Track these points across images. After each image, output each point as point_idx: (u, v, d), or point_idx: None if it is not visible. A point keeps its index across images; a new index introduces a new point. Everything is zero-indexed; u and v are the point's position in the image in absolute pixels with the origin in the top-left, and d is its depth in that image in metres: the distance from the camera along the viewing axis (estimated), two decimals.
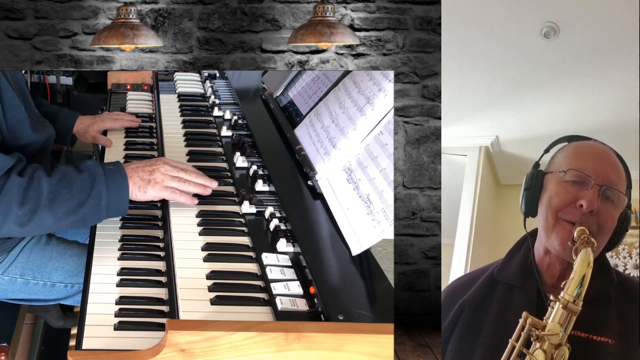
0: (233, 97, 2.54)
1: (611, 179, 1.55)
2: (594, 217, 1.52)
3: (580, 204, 1.52)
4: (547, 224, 1.57)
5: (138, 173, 1.68)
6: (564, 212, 1.54)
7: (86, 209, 1.59)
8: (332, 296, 1.42)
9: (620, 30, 2.81)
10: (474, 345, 1.55)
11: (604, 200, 1.54)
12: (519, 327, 1.44)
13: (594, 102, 3.32)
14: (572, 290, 1.43)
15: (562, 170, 1.58)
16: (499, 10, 2.84)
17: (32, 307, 2.21)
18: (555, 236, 1.55)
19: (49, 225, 1.60)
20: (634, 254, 3.87)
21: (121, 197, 1.64)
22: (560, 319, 1.42)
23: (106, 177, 1.62)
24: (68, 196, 1.58)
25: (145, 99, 2.65)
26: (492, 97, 3.41)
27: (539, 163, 1.66)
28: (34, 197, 1.55)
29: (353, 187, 1.69)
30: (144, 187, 1.68)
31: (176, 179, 1.72)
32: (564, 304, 1.42)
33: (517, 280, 1.60)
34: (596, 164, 1.56)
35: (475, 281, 1.67)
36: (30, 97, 1.98)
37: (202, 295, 1.47)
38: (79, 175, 1.61)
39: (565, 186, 1.56)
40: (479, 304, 1.62)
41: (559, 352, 1.40)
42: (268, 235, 1.69)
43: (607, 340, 1.49)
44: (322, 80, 2.14)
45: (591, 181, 1.53)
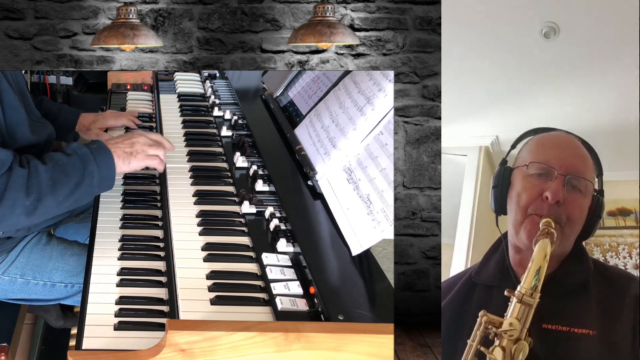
0: (233, 97, 2.54)
1: (576, 167, 1.53)
2: (562, 207, 1.51)
3: (545, 196, 1.51)
4: (516, 220, 1.56)
5: (119, 147, 1.76)
6: (532, 206, 1.53)
7: (82, 188, 1.65)
8: (332, 296, 1.42)
9: (620, 30, 2.81)
10: (457, 347, 1.55)
11: (570, 190, 1.52)
12: (475, 325, 1.43)
13: (594, 102, 3.32)
14: (529, 283, 1.42)
15: (525, 164, 1.57)
16: (499, 11, 2.83)
17: (32, 307, 2.21)
18: (523, 231, 1.53)
19: (52, 210, 1.64)
20: (634, 254, 3.87)
21: (109, 173, 1.71)
22: (517, 314, 1.41)
23: (94, 156, 1.68)
24: (65, 180, 1.63)
25: (145, 99, 2.65)
26: (492, 97, 3.41)
27: (506, 160, 1.65)
28: (36, 186, 1.59)
29: (353, 187, 1.69)
30: (127, 159, 1.76)
31: (154, 146, 1.81)
32: (519, 297, 1.41)
33: (495, 281, 1.60)
34: (559, 153, 1.55)
35: (454, 286, 1.67)
36: (31, 97, 1.98)
37: (202, 295, 1.47)
38: (69, 159, 1.66)
39: (531, 180, 1.55)
40: (458, 307, 1.61)
41: (517, 346, 1.39)
42: (268, 235, 1.69)
43: (588, 331, 1.47)
44: (322, 80, 2.14)
45: (554, 172, 1.52)
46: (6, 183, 1.57)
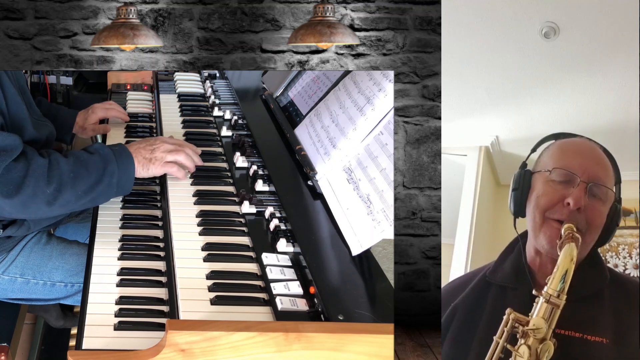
0: (233, 97, 2.54)
1: (597, 175, 1.55)
2: (582, 214, 1.52)
3: (567, 202, 1.52)
4: (535, 224, 1.57)
5: (141, 152, 1.82)
6: (552, 211, 1.54)
7: (101, 187, 1.70)
8: (332, 296, 1.42)
9: (620, 30, 2.81)
10: (467, 347, 1.55)
11: (591, 197, 1.53)
12: (502, 323, 1.44)
13: (594, 102, 3.32)
14: (556, 285, 1.43)
15: (548, 170, 1.58)
16: (499, 10, 2.83)
17: (32, 307, 2.21)
18: (543, 235, 1.54)
19: (71, 203, 1.69)
20: (634, 254, 3.87)
21: (129, 176, 1.76)
22: (544, 314, 1.42)
23: (116, 157, 1.74)
24: (86, 175, 1.68)
25: (145, 99, 2.65)
26: (492, 97, 3.41)
27: (526, 163, 1.66)
28: (57, 177, 1.64)
29: (353, 187, 1.69)
30: (147, 165, 1.82)
31: (174, 152, 1.86)
32: (547, 298, 1.42)
33: (510, 282, 1.60)
34: (582, 161, 1.56)
35: (468, 284, 1.67)
36: (31, 97, 1.98)
37: (202, 295, 1.47)
38: (90, 157, 1.72)
39: (552, 185, 1.56)
40: (472, 306, 1.62)
41: (543, 346, 1.40)
42: (268, 235, 1.69)
43: (602, 339, 1.48)
44: (322, 80, 2.14)
45: (577, 179, 1.53)
46: (26, 170, 1.61)
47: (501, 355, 1.42)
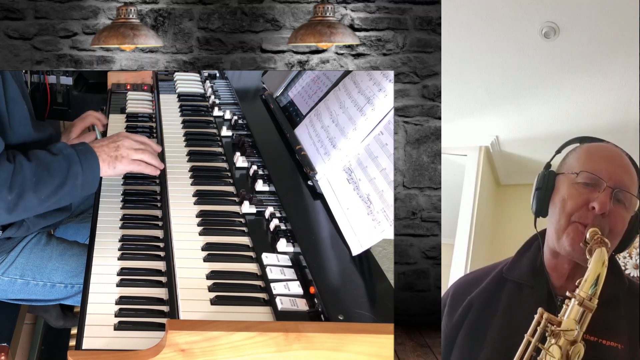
0: (233, 97, 2.54)
1: (623, 181, 1.55)
2: (606, 219, 1.52)
3: (592, 206, 1.52)
4: (559, 226, 1.56)
5: (104, 150, 1.77)
6: (577, 214, 1.54)
7: (66, 189, 1.66)
8: (332, 296, 1.42)
9: (620, 30, 2.81)
10: (481, 342, 1.55)
11: (615, 203, 1.53)
12: (534, 322, 1.43)
13: (594, 102, 3.32)
14: (588, 288, 1.43)
15: (575, 172, 1.57)
16: (499, 10, 2.83)
17: (32, 307, 2.21)
18: (566, 237, 1.54)
19: (34, 208, 1.65)
20: (634, 254, 3.87)
21: (94, 175, 1.72)
22: (575, 316, 1.42)
23: (79, 157, 1.69)
24: (49, 178, 1.63)
25: (145, 99, 2.65)
26: (492, 97, 3.41)
27: (551, 164, 1.66)
28: (19, 182, 1.59)
29: (353, 187, 1.69)
30: (112, 162, 1.77)
31: (140, 151, 1.82)
32: (580, 300, 1.42)
33: (527, 280, 1.60)
34: (608, 166, 1.56)
35: (483, 279, 1.67)
36: (29, 99, 1.98)
37: (202, 295, 1.47)
38: (54, 158, 1.67)
39: (578, 188, 1.56)
40: (487, 301, 1.62)
41: (574, 348, 1.40)
42: (268, 235, 1.69)
43: (617, 345, 1.49)
44: (322, 80, 2.14)
45: (603, 183, 1.53)
46: None
47: (533, 354, 1.42)
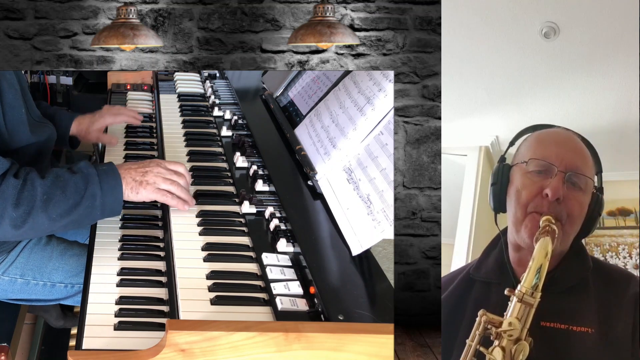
0: (233, 97, 2.54)
1: (575, 164, 1.52)
2: (562, 204, 1.49)
3: (545, 193, 1.49)
4: (517, 218, 1.54)
5: (131, 174, 1.69)
6: (532, 204, 1.51)
7: (81, 209, 1.59)
8: (332, 296, 1.42)
9: (620, 30, 2.81)
10: (452, 344, 1.54)
11: (570, 187, 1.50)
12: (475, 325, 1.41)
13: (594, 102, 3.32)
14: (530, 282, 1.40)
15: (524, 161, 1.56)
16: (499, 10, 2.83)
17: (32, 307, 2.21)
18: (524, 229, 1.51)
19: (43, 227, 1.58)
20: (634, 254, 3.87)
21: (115, 198, 1.64)
22: (518, 313, 1.39)
23: (100, 178, 1.62)
24: (62, 197, 1.57)
25: (145, 99, 2.65)
26: (492, 97, 3.41)
27: (505, 157, 1.64)
28: (28, 199, 1.54)
29: (353, 187, 1.69)
30: (137, 188, 1.69)
31: (168, 181, 1.73)
32: (519, 297, 1.39)
33: (494, 278, 1.58)
34: (559, 150, 1.53)
35: (453, 281, 1.66)
36: (32, 99, 1.98)
37: (202, 295, 1.47)
38: (72, 177, 1.60)
39: (530, 177, 1.53)
40: (456, 303, 1.60)
41: (518, 347, 1.37)
42: (268, 235, 1.69)
43: (587, 329, 1.46)
44: (322, 80, 2.14)
45: (554, 169, 1.50)
46: None
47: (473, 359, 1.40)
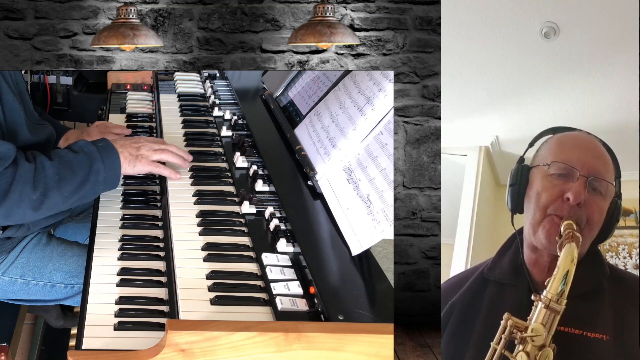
0: (233, 97, 2.54)
1: (597, 169, 1.51)
2: (582, 209, 1.48)
3: (567, 197, 1.48)
4: (535, 220, 1.53)
5: (127, 149, 1.81)
6: (552, 207, 1.50)
7: (88, 185, 1.69)
8: (332, 296, 1.42)
9: (620, 30, 2.81)
10: (466, 345, 1.53)
11: (591, 192, 1.49)
12: (500, 329, 1.40)
13: (594, 102, 3.32)
14: (556, 288, 1.39)
15: (546, 164, 1.55)
16: (499, 10, 2.83)
17: (32, 307, 2.21)
18: (542, 230, 1.50)
19: (58, 205, 1.68)
20: (634, 254, 3.87)
21: (115, 172, 1.75)
22: (543, 319, 1.38)
23: (101, 154, 1.72)
24: (71, 176, 1.66)
25: (145, 99, 2.65)
26: (492, 97, 3.41)
27: (524, 158, 1.62)
28: (42, 181, 1.63)
29: (353, 187, 1.69)
30: (133, 161, 1.81)
31: (159, 151, 1.86)
32: (546, 303, 1.38)
33: (508, 279, 1.57)
34: (581, 154, 1.52)
35: (466, 281, 1.65)
36: (30, 100, 1.98)
37: (202, 295, 1.47)
38: (76, 156, 1.70)
39: (551, 180, 1.52)
40: (469, 303, 1.59)
41: (542, 353, 1.35)
42: (268, 235, 1.69)
43: (602, 336, 1.45)
44: (322, 80, 2.14)
45: (576, 173, 1.49)
46: (13, 177, 1.60)
47: None
